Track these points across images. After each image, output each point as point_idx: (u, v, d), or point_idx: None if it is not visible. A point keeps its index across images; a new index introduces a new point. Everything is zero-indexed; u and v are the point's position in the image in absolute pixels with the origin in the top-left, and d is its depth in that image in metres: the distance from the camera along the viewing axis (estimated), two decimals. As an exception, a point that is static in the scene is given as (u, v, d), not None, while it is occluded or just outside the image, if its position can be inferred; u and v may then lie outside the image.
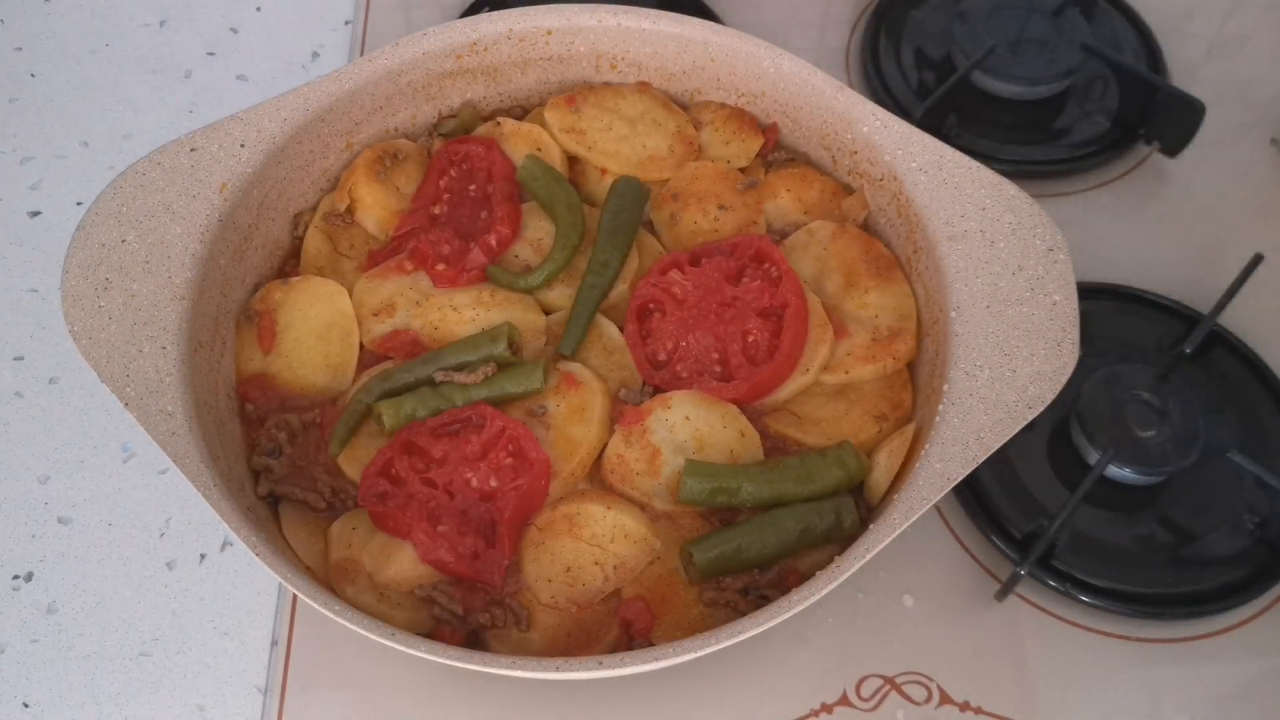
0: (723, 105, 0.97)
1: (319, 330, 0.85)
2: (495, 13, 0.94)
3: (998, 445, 0.72)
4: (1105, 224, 1.05)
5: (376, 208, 0.90)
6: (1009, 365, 0.75)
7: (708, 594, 0.75)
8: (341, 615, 0.66)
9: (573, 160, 0.95)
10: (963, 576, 0.85)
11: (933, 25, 1.18)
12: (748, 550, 0.75)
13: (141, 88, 1.18)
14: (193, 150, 0.84)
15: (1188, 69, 1.17)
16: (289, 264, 0.91)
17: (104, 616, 0.86)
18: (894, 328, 0.85)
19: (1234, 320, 0.94)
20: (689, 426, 0.79)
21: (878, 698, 0.80)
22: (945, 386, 0.75)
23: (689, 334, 0.83)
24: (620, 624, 0.75)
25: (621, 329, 0.86)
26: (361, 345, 0.85)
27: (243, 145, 0.85)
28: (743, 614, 0.70)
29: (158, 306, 0.77)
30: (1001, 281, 0.79)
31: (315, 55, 1.21)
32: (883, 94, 1.13)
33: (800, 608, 0.67)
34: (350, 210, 0.91)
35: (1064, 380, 0.74)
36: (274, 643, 0.84)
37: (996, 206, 0.82)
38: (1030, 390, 0.74)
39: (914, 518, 0.69)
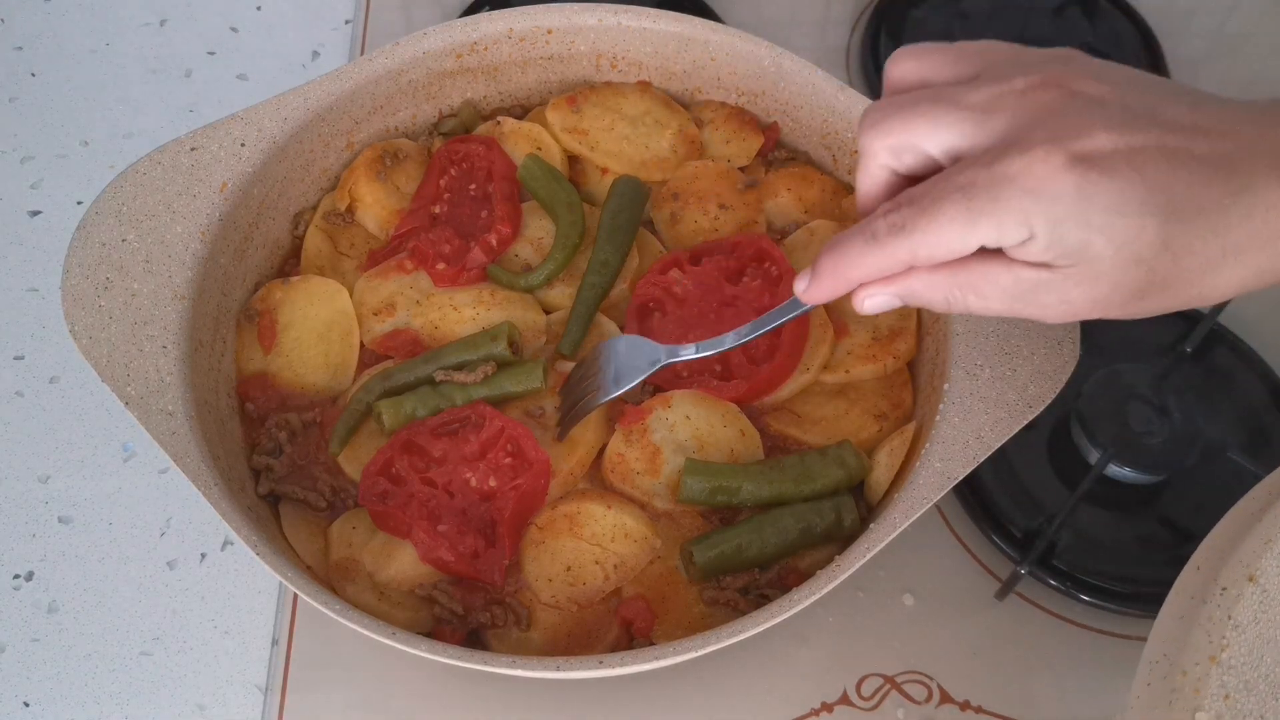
0: (723, 104, 0.97)
1: (319, 329, 0.85)
2: (495, 12, 0.94)
3: (998, 444, 0.72)
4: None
5: (377, 207, 0.90)
6: (1009, 364, 0.75)
7: (708, 593, 0.75)
8: (342, 615, 0.66)
9: (573, 159, 0.95)
10: (963, 576, 0.85)
11: (933, 25, 1.18)
12: (748, 549, 0.75)
13: (141, 87, 1.18)
14: (193, 150, 0.84)
15: (1188, 68, 1.17)
16: (289, 263, 0.91)
17: (104, 616, 0.86)
18: (894, 327, 0.85)
19: (1235, 319, 0.94)
20: (689, 426, 0.79)
21: (878, 697, 0.80)
22: (945, 385, 0.75)
23: (689, 333, 0.83)
24: (621, 623, 0.75)
25: (622, 328, 0.86)
26: (362, 344, 0.85)
27: (243, 145, 0.85)
28: (743, 613, 0.70)
29: (158, 306, 0.77)
30: (1002, 281, 0.79)
31: (315, 55, 1.22)
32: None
33: (800, 607, 0.67)
34: (350, 209, 0.91)
35: (1064, 379, 0.74)
36: (274, 642, 0.84)
37: (997, 206, 0.82)
38: (1031, 389, 0.74)
39: (914, 517, 0.69)
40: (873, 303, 0.62)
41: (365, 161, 0.91)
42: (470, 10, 1.19)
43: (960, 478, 0.71)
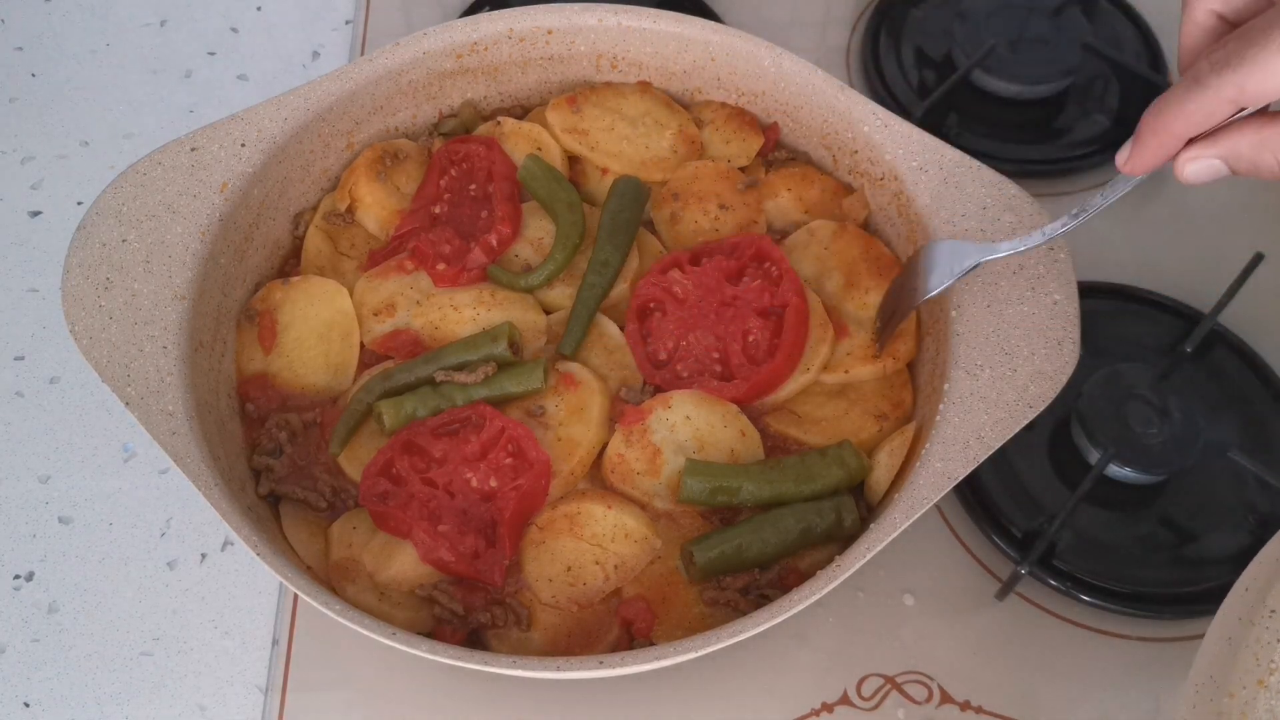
0: (723, 105, 0.97)
1: (319, 330, 0.85)
2: (495, 12, 0.94)
3: (998, 444, 0.72)
4: (1106, 223, 1.05)
5: (377, 207, 0.90)
6: (1010, 364, 0.75)
7: (708, 593, 0.75)
8: (342, 615, 0.66)
9: (573, 159, 0.95)
10: (963, 576, 0.85)
11: (933, 25, 1.18)
12: (748, 550, 0.75)
13: (142, 88, 1.18)
14: (193, 150, 0.84)
15: (1188, 68, 1.17)
16: (289, 264, 0.91)
17: (105, 616, 0.86)
18: (894, 327, 0.85)
19: (1234, 319, 0.94)
20: (689, 426, 0.79)
21: (878, 697, 0.80)
22: (946, 386, 0.75)
23: (689, 333, 0.83)
24: (621, 623, 0.75)
25: (622, 328, 0.86)
26: (362, 345, 0.85)
27: (243, 145, 0.85)
28: (743, 613, 0.70)
29: (158, 306, 0.77)
30: (1002, 281, 0.79)
31: (315, 55, 1.22)
32: (883, 93, 1.13)
33: (801, 607, 0.67)
34: (351, 210, 0.91)
35: (1065, 379, 0.74)
36: (275, 642, 0.84)
37: (997, 206, 0.82)
38: (1031, 389, 0.74)
39: (915, 517, 0.69)
40: (1195, 168, 0.56)
41: (365, 162, 0.91)
42: (470, 10, 1.19)
43: (960, 478, 0.71)
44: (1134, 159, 0.59)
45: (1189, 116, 0.55)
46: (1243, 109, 0.55)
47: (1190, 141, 0.58)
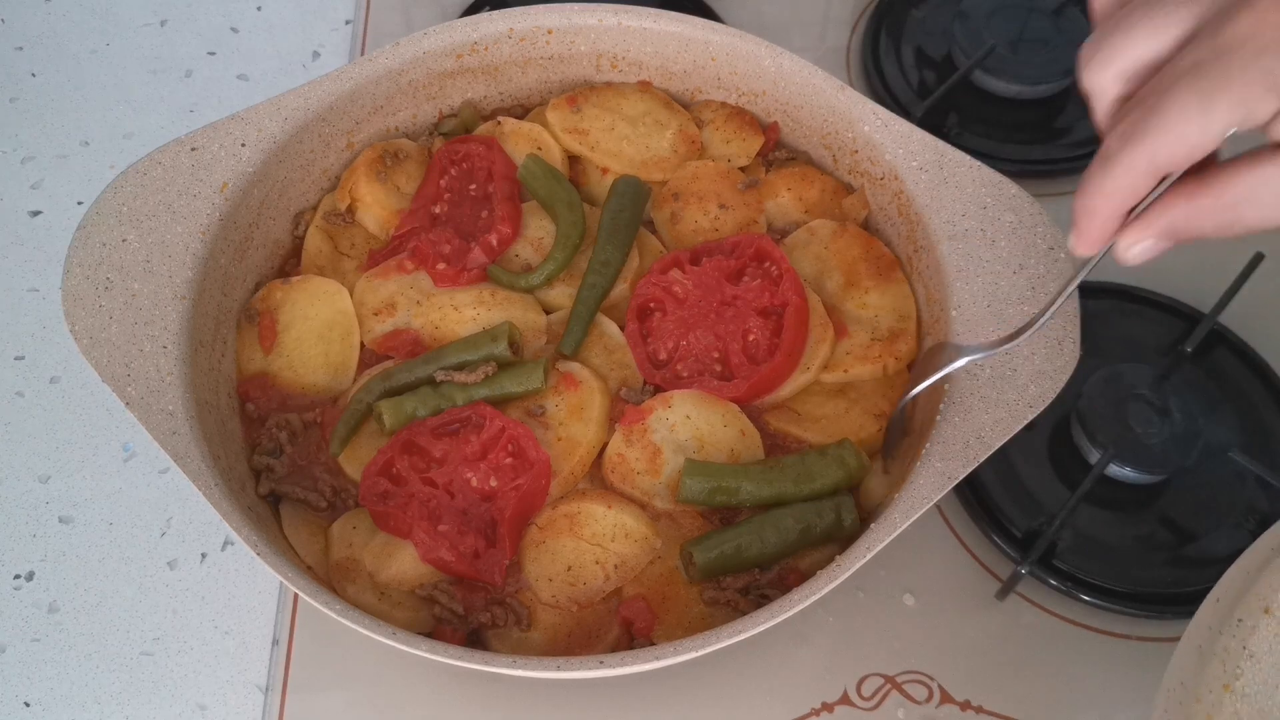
0: (723, 104, 0.97)
1: (320, 330, 0.85)
2: (496, 12, 0.94)
3: (999, 444, 0.72)
4: (1106, 223, 1.05)
5: (377, 207, 0.90)
6: (1009, 364, 0.75)
7: (708, 593, 0.75)
8: (343, 615, 0.66)
9: (573, 159, 0.95)
10: (963, 576, 0.85)
11: (933, 25, 1.18)
12: (748, 550, 0.75)
13: (142, 87, 1.18)
14: (193, 150, 0.84)
15: (1188, 68, 1.17)
16: (290, 263, 0.91)
17: (105, 616, 0.86)
18: (894, 329, 0.85)
19: (1235, 319, 0.94)
20: (690, 425, 0.79)
21: (878, 697, 0.80)
22: (946, 385, 0.75)
23: (689, 333, 0.83)
24: (621, 623, 0.75)
25: (622, 328, 0.86)
26: (362, 345, 0.85)
27: (243, 145, 0.85)
28: (743, 613, 0.70)
29: (159, 306, 0.77)
30: (1002, 280, 0.79)
31: (315, 55, 1.22)
32: (883, 93, 1.13)
33: (801, 607, 0.67)
34: (351, 210, 0.91)
35: (1065, 379, 0.74)
36: (275, 642, 0.84)
37: (997, 205, 0.82)
38: (1031, 389, 0.74)
39: (915, 517, 0.69)
40: (1136, 251, 0.55)
41: (365, 161, 0.91)
42: (470, 10, 1.19)
43: (960, 478, 0.71)
44: (1079, 244, 0.58)
45: (1111, 196, 0.54)
46: (1168, 175, 0.53)
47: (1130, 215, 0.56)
